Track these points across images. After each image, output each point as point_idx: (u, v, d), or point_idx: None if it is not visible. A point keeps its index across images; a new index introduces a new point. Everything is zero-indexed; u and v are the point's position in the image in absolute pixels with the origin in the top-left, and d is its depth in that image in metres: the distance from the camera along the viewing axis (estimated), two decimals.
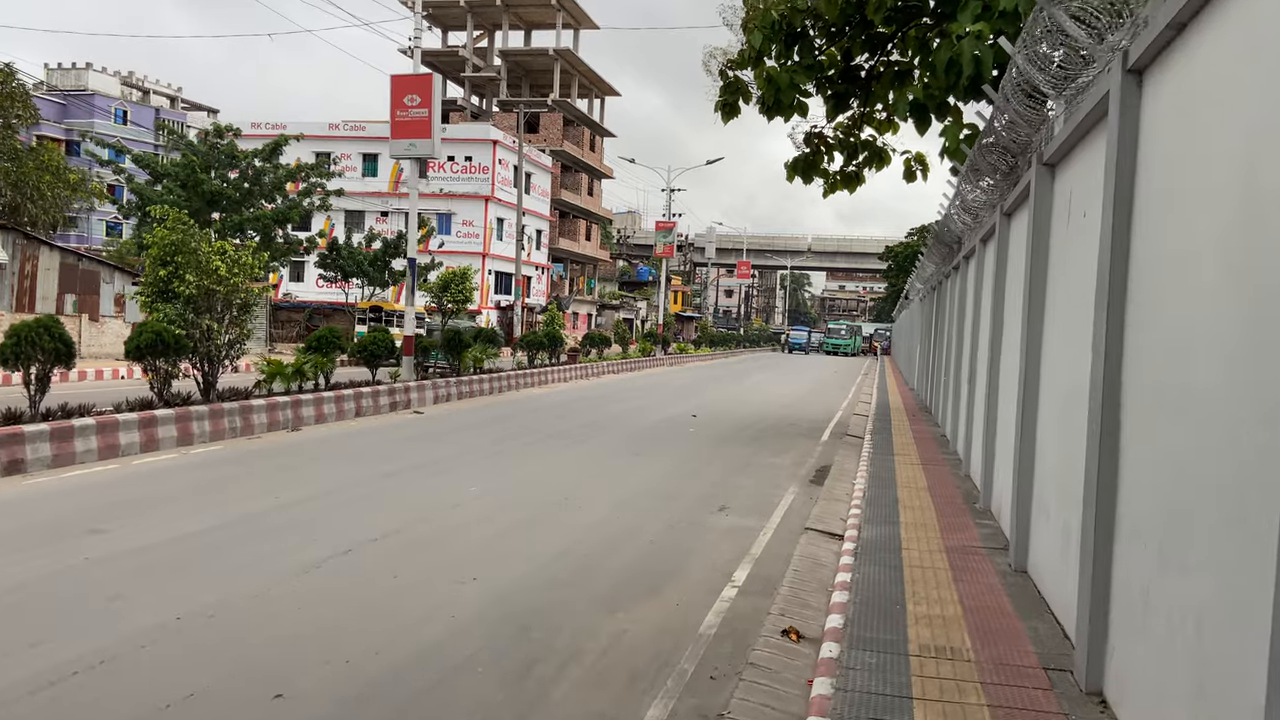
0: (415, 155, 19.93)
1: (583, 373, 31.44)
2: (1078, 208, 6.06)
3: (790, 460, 15.03)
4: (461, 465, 12.75)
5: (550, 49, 64.09)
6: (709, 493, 11.57)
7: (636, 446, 15.57)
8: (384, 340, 18.09)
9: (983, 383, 10.70)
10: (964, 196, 13.05)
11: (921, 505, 9.80)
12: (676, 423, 19.57)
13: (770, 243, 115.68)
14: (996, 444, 9.37)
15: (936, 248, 20.91)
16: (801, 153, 19.65)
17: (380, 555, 7.79)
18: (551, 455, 14.12)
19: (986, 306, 10.75)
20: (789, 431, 19.26)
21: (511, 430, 16.83)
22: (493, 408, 20.27)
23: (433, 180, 55.46)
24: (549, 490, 11.17)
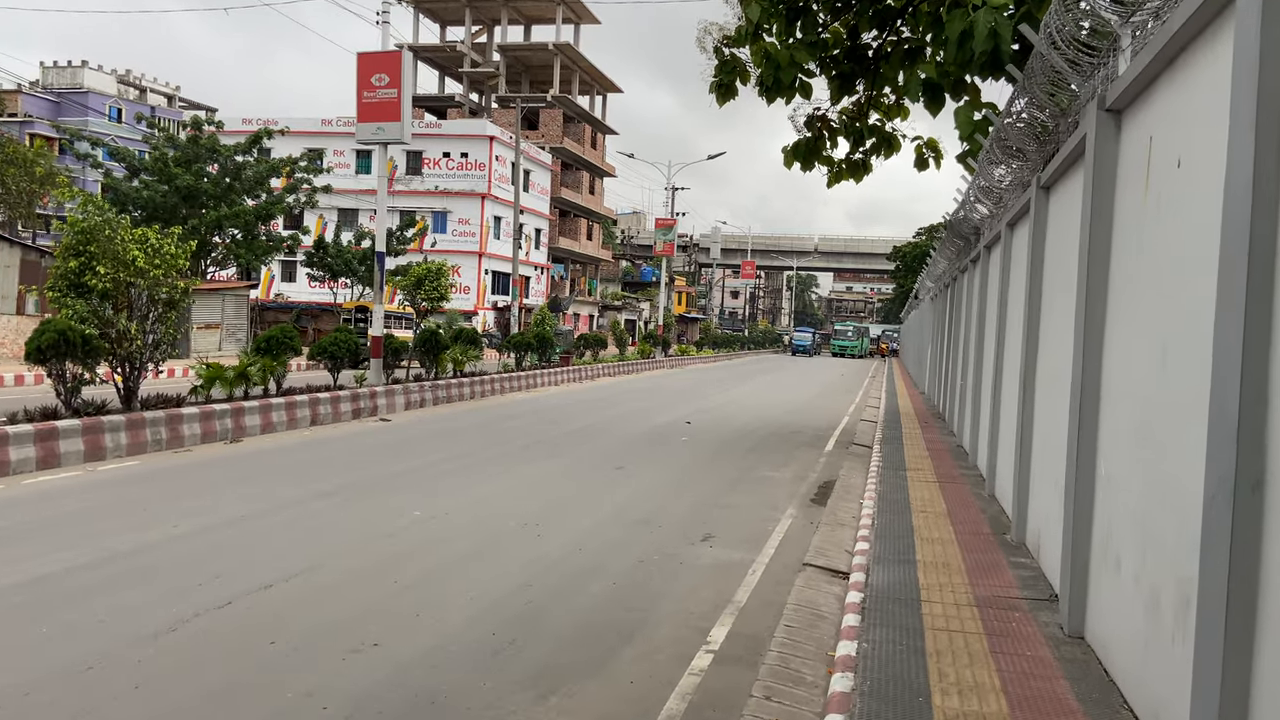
0: (383, 140, 18.41)
1: (575, 376, 29.90)
2: (1165, 158, 4.48)
3: (790, 475, 13.46)
4: (416, 482, 11.21)
5: (550, 44, 62.65)
6: (694, 516, 10.00)
7: (620, 459, 14.02)
8: (346, 341, 16.57)
9: (1013, 389, 9.12)
10: (986, 179, 11.49)
11: (941, 537, 8.22)
12: (669, 431, 18.01)
13: (776, 243, 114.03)
14: (1033, 464, 7.79)
15: (950, 242, 19.33)
16: (802, 137, 18.10)
17: (267, 609, 6.24)
18: (522, 470, 12.57)
19: (1017, 299, 9.17)
20: (790, 441, 17.69)
21: (483, 440, 15.29)
22: (470, 414, 18.74)
23: (428, 177, 54.08)
24: (508, 513, 9.62)
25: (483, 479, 11.71)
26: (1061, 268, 6.99)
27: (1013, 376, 9.46)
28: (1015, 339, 9.31)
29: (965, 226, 16.46)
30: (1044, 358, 7.60)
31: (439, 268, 18.96)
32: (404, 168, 54.49)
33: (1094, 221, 5.46)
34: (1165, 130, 4.53)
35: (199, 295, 33.34)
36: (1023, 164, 9.57)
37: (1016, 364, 8.94)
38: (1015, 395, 8.94)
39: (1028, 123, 8.50)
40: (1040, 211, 7.83)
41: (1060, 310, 6.97)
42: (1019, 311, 9.12)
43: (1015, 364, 9.24)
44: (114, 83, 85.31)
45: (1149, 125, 4.80)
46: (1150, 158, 4.73)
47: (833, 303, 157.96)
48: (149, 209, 33.72)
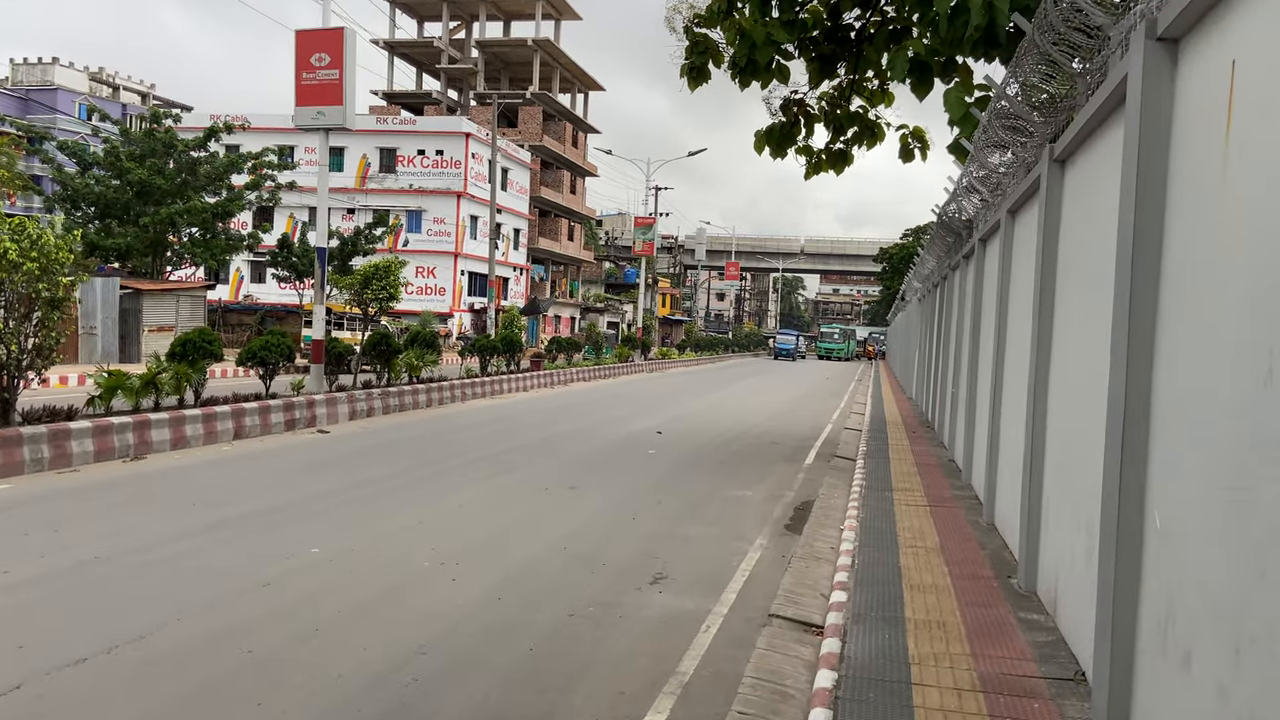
0: (324, 126, 16.94)
1: (546, 381, 28.44)
2: (1257, 93, 3.11)
3: (764, 493, 12.08)
4: (333, 508, 9.76)
5: (529, 39, 61.17)
6: (647, 550, 8.60)
7: (576, 476, 12.61)
8: (278, 344, 15.08)
9: (1018, 399, 7.75)
10: (981, 162, 10.16)
11: (935, 583, 6.83)
12: (637, 442, 16.60)
13: (762, 244, 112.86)
14: (1045, 492, 6.42)
15: (940, 238, 18.02)
16: (777, 121, 16.74)
17: (61, 699, 4.79)
18: (460, 491, 11.13)
19: (1023, 296, 7.81)
20: (768, 452, 16.30)
21: (428, 455, 13.84)
22: (422, 424, 17.27)
23: (402, 175, 52.53)
24: (428, 548, 8.18)
25: (413, 502, 10.27)
26: (1083, 256, 5.62)
27: (1017, 384, 8.09)
28: (1020, 341, 7.95)
29: (957, 220, 15.14)
30: (1060, 364, 6.22)
31: (388, 264, 17.46)
32: (377, 165, 52.94)
33: (1140, 191, 4.08)
34: (1256, 53, 3.16)
35: (152, 296, 31.77)
36: (1027, 140, 8.23)
37: (1022, 370, 7.58)
38: (1021, 407, 7.58)
39: (1039, 82, 7.15)
40: (1053, 190, 6.46)
41: (1082, 307, 5.61)
42: (1024, 310, 7.76)
43: (1020, 370, 7.88)
44: (86, 80, 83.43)
45: (1229, 48, 3.42)
46: (1233, 94, 3.35)
47: (819, 305, 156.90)
48: (101, 205, 32.11)
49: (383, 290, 17.04)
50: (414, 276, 52.24)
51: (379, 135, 52.93)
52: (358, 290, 17.10)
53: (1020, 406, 7.74)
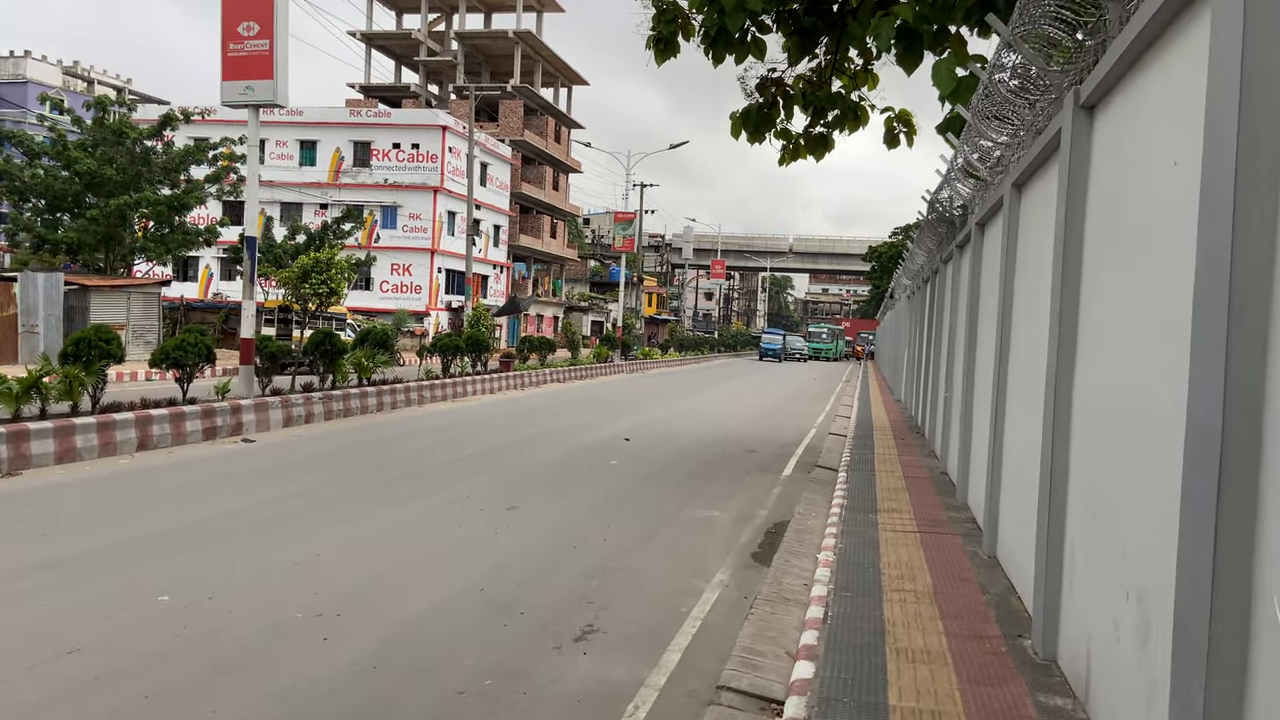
0: (254, 102, 15.40)
1: (516, 383, 26.94)
2: None
3: (733, 513, 10.64)
4: (208, 539, 8.26)
5: (510, 31, 59.60)
6: (582, 591, 7.14)
7: (522, 492, 11.15)
8: (196, 344, 13.56)
9: (1027, 408, 6.33)
10: (980, 135, 8.76)
11: (928, 646, 5.39)
12: (600, 450, 15.15)
13: (750, 243, 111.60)
14: (1069, 538, 4.99)
15: (930, 230, 16.63)
16: (753, 102, 15.32)
17: None
18: (380, 513, 9.65)
19: (1033, 281, 6.37)
20: (743, 462, 14.87)
21: (359, 468, 12.34)
22: (363, 432, 15.76)
23: (376, 169, 50.91)
24: (308, 593, 6.71)
25: (318, 528, 8.78)
26: (1127, 224, 4.19)
27: (1025, 390, 6.67)
28: (1029, 338, 6.53)
29: (950, 207, 13.74)
30: (1091, 366, 4.79)
31: (330, 257, 15.96)
32: (351, 159, 51.31)
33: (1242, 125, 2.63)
34: None
35: (100, 294, 30.17)
36: (1037, 99, 6.81)
37: (1033, 374, 6.15)
38: (1031, 419, 6.15)
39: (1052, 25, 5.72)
40: (1080, 144, 5.02)
41: (1120, 290, 4.19)
42: (1035, 299, 6.33)
43: (1030, 373, 6.46)
44: (59, 74, 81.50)
45: None
46: None
47: (808, 304, 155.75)
48: (49, 197, 30.47)
49: (322, 285, 15.52)
50: (389, 274, 50.72)
51: (353, 128, 51.34)
52: (294, 285, 15.56)
53: (1030, 419, 6.32)
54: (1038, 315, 6.17)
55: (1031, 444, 6.12)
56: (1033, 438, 6.05)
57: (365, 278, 50.47)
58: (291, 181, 50.29)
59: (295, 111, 51.93)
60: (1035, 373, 6.10)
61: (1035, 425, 6.01)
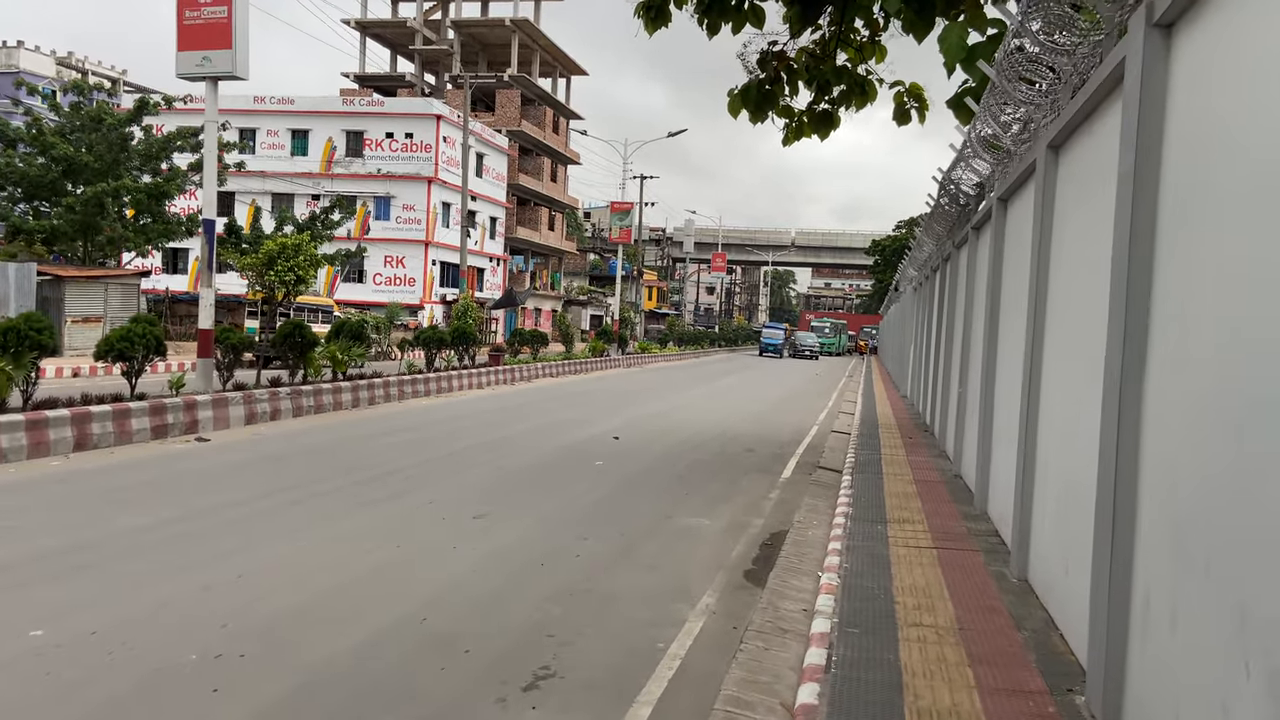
0: (211, 74, 14.33)
1: (506, 377, 25.87)
2: None
3: (725, 521, 9.59)
4: (115, 557, 7.21)
5: (507, 19, 58.44)
6: (543, 621, 6.09)
7: (494, 498, 10.10)
8: (144, 335, 12.49)
9: (1075, 412, 5.26)
10: (1006, 96, 7.72)
11: (956, 706, 4.31)
12: (586, 450, 14.09)
13: (752, 236, 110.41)
14: (1139, 573, 3.91)
15: (940, 216, 15.54)
16: (753, 78, 14.23)
17: None
18: (328, 524, 8.60)
19: (1094, 249, 5.28)
20: (740, 462, 13.81)
21: (317, 471, 11.29)
22: (332, 430, 14.70)
23: (369, 159, 49.79)
24: (214, 624, 5.66)
25: (252, 543, 7.73)
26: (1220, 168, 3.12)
27: (1068, 388, 5.60)
28: (1075, 324, 5.46)
29: (962, 189, 12.67)
30: (1169, 357, 3.71)
31: (298, 242, 14.89)
32: (343, 148, 50.19)
33: None
34: None
35: (76, 285, 29.14)
36: (1079, 42, 5.74)
37: (1083, 369, 5.08)
38: (1080, 422, 5.09)
39: None
40: (1154, 73, 3.93)
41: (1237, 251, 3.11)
42: (1083, 279, 5.26)
43: (1074, 367, 5.39)
44: (53, 64, 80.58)
45: None
46: None
47: (811, 299, 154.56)
48: (25, 185, 29.42)
49: (289, 272, 14.46)
50: (382, 266, 49.64)
51: (345, 117, 50.21)
52: (260, 271, 14.51)
53: (1075, 422, 5.25)
54: (1088, 295, 5.09)
55: (1079, 453, 5.05)
56: (1081, 446, 4.98)
57: (358, 270, 49.43)
58: (283, 171, 49.25)
59: (287, 100, 50.88)
60: (1085, 367, 5.02)
61: (1083, 430, 4.94)
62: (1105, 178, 4.79)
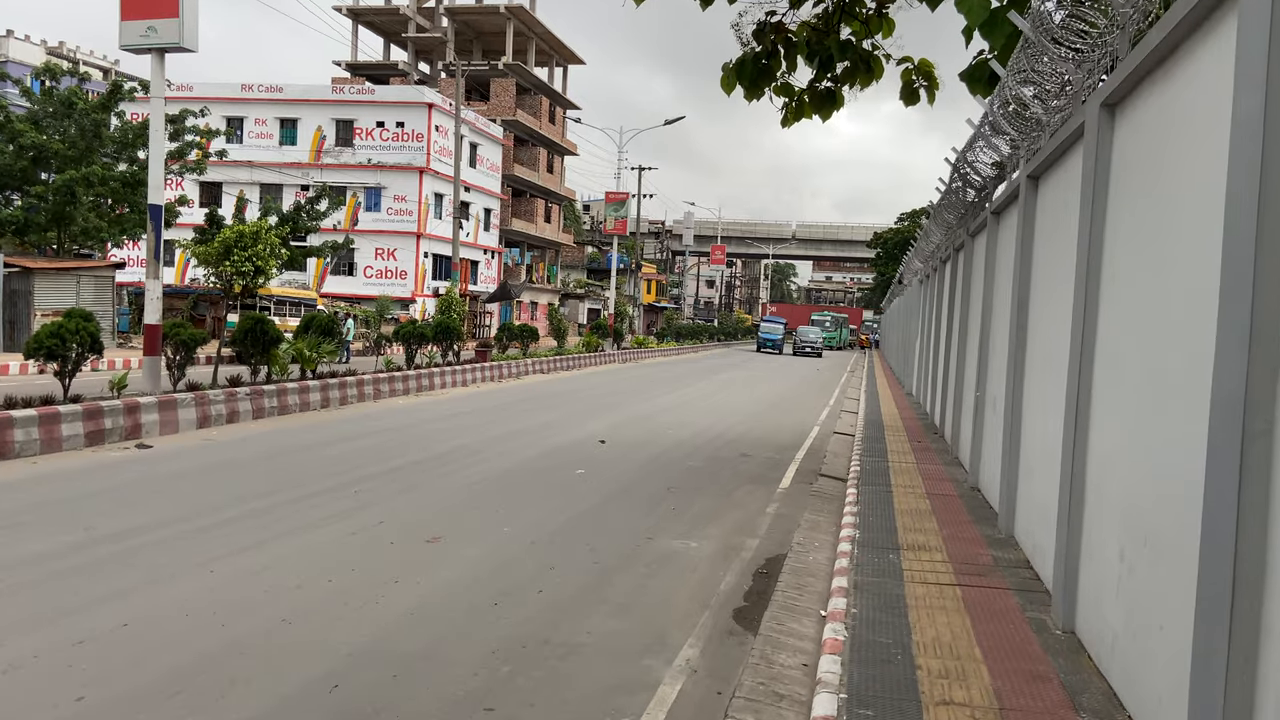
0: (157, 45, 13.13)
1: (493, 374, 24.71)
2: None
3: (715, 543, 8.46)
4: None
5: (501, 6, 57.13)
6: (481, 685, 4.95)
7: (452, 517, 8.98)
8: (77, 330, 11.32)
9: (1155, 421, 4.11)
10: (1040, 50, 6.60)
11: None
12: (568, 456, 12.96)
13: (752, 229, 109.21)
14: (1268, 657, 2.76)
15: (951, 205, 14.39)
16: (749, 50, 13.05)
17: None
18: (257, 551, 7.46)
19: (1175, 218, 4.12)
20: (735, 469, 12.67)
21: (264, 483, 10.15)
22: (291, 434, 13.56)
23: (360, 149, 48.58)
24: (74, 695, 4.54)
25: (153, 579, 6.58)
26: None
27: (1131, 393, 4.46)
28: (1148, 313, 4.31)
29: (981, 167, 11.51)
30: None
31: (256, 230, 13.74)
32: (333, 138, 48.96)
33: None
34: None
35: (45, 277, 27.97)
36: None
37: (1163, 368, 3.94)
38: (1151, 435, 3.95)
39: None
40: None
41: None
42: (1155, 254, 4.11)
43: (1143, 367, 4.25)
44: (42, 54, 79.31)
45: None
46: None
47: (811, 292, 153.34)
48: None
49: (247, 263, 13.31)
50: (373, 259, 48.47)
51: (335, 106, 48.98)
52: (216, 261, 13.37)
53: (1147, 442, 4.11)
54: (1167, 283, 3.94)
55: (1157, 485, 3.91)
56: (1160, 474, 3.84)
57: (348, 263, 48.29)
58: (271, 162, 48.02)
59: (275, 88, 49.68)
60: (1168, 373, 3.88)
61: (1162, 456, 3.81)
62: (1199, 131, 3.64)
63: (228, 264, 13.46)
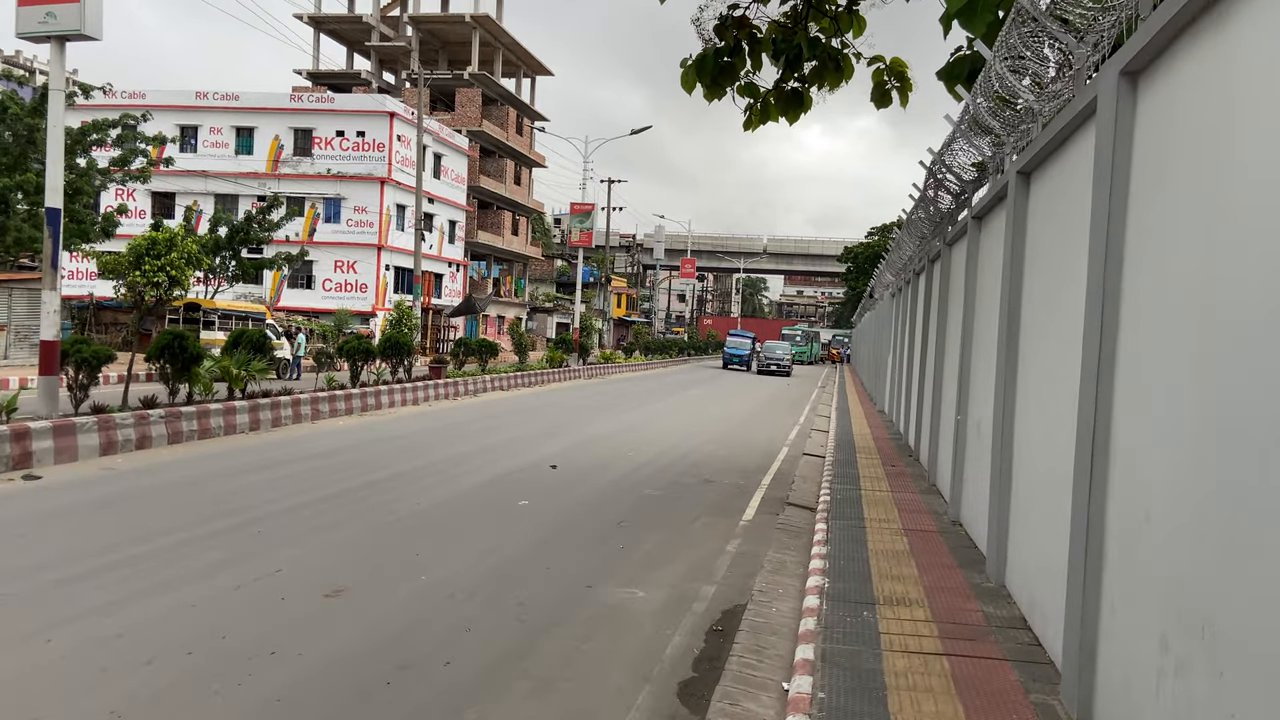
0: (57, 32, 11.88)
1: (448, 392, 23.48)
2: None
3: (664, 592, 7.37)
4: None
5: (467, 15, 56.08)
6: None
7: (366, 561, 7.82)
8: None
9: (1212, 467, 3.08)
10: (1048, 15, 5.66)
11: None
12: (514, 484, 11.82)
13: (723, 243, 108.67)
14: None
15: (925, 216, 13.48)
16: (710, 46, 12.10)
17: None
18: (117, 611, 6.28)
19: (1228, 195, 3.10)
20: (695, 498, 11.61)
21: (162, 520, 8.93)
22: (207, 461, 12.30)
23: (319, 159, 47.17)
24: None
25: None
26: None
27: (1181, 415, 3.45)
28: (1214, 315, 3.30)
29: (958, 170, 10.58)
30: None
31: (171, 236, 12.53)
32: (291, 147, 47.53)
33: None
34: None
35: None
36: None
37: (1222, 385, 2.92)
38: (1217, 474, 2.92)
39: None
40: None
41: None
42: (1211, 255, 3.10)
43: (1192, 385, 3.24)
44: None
45: None
46: None
47: (783, 307, 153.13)
48: None
49: (159, 272, 12.08)
50: (332, 271, 47.00)
51: (293, 114, 47.55)
52: (126, 271, 12.13)
53: (1206, 484, 3.09)
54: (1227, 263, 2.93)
55: (1212, 539, 2.89)
56: (1211, 528, 2.82)
57: (306, 276, 46.82)
58: (226, 172, 46.53)
59: (231, 96, 48.22)
60: (1229, 391, 2.86)
61: (1204, 499, 2.79)
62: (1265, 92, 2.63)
63: (137, 273, 12.22)
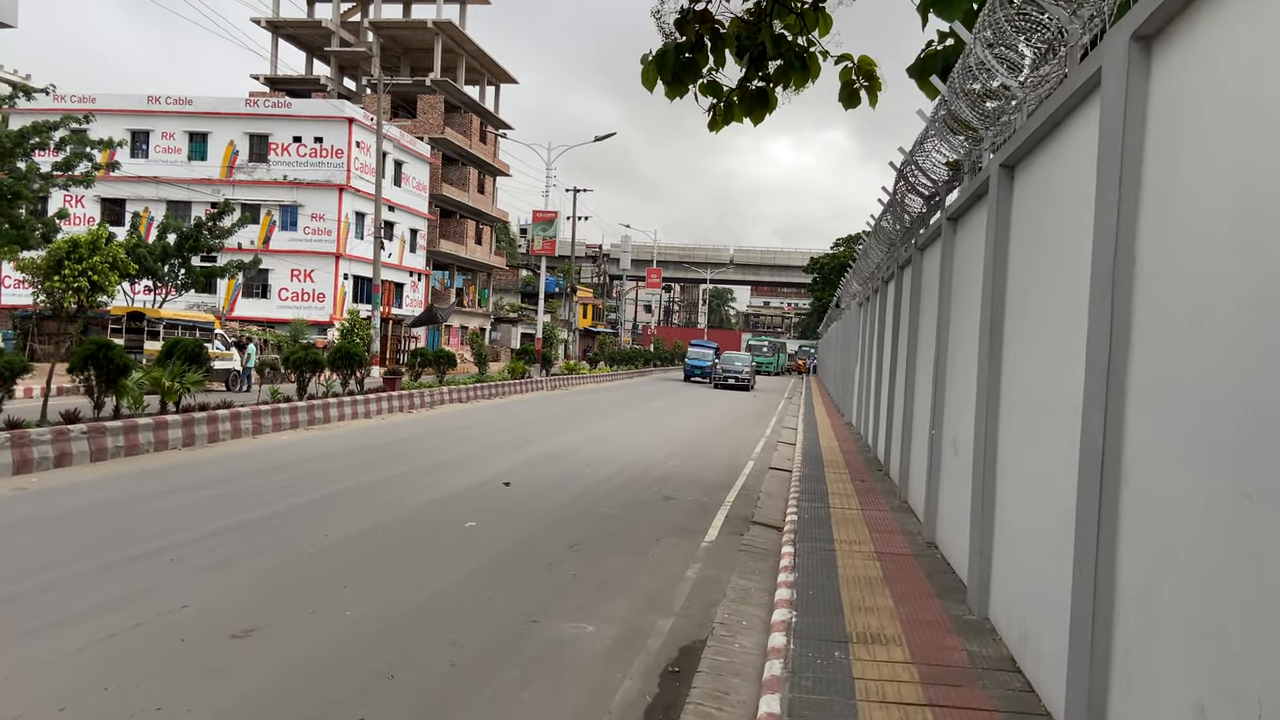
0: None
1: (402, 404, 22.62)
2: None
3: (617, 626, 6.69)
4: None
5: (429, 21, 55.25)
6: None
7: (284, 595, 7.06)
8: None
9: None
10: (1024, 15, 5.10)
11: None
12: (462, 503, 11.08)
13: (690, 254, 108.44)
14: None
15: (896, 213, 12.99)
16: (671, 41, 11.47)
17: None
18: (4, 652, 5.48)
19: None
20: (655, 517, 10.94)
21: (66, 548, 8.10)
22: (134, 480, 11.43)
23: (275, 165, 46.01)
24: None
25: None
26: None
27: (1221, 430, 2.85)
28: None
29: (931, 169, 10.08)
30: None
31: (94, 239, 11.68)
32: (246, 153, 46.36)
33: None
34: None
35: None
36: None
37: None
38: None
39: None
40: None
41: None
42: None
43: None
44: None
45: None
46: None
47: (750, 318, 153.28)
48: None
49: (80, 277, 11.23)
50: (288, 280, 45.84)
51: (249, 119, 46.41)
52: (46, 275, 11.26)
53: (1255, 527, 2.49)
54: None
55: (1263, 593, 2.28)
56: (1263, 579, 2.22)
57: (262, 284, 45.63)
58: (178, 178, 45.23)
59: (184, 100, 46.93)
60: None
61: None
62: None
63: (57, 278, 11.36)
